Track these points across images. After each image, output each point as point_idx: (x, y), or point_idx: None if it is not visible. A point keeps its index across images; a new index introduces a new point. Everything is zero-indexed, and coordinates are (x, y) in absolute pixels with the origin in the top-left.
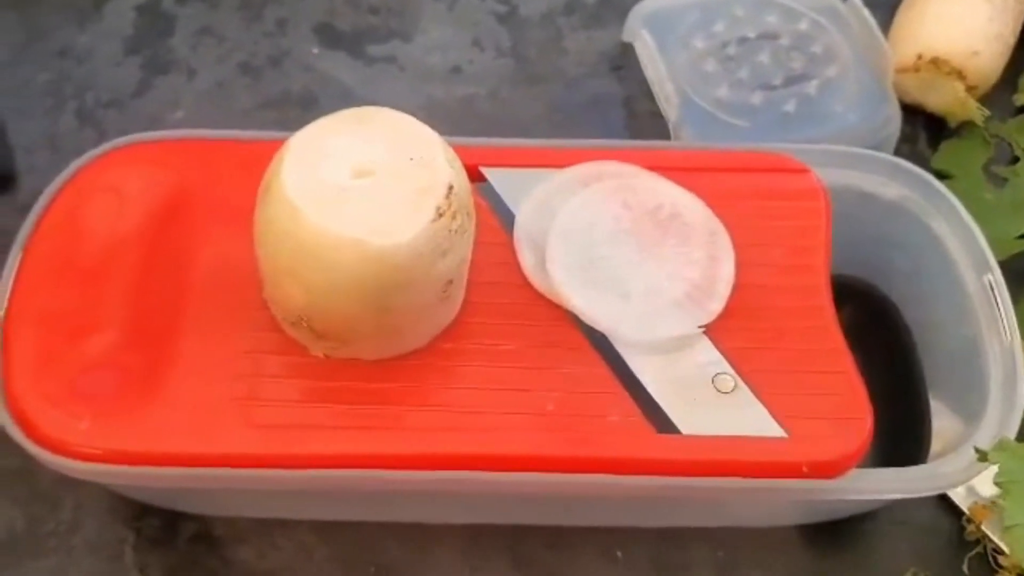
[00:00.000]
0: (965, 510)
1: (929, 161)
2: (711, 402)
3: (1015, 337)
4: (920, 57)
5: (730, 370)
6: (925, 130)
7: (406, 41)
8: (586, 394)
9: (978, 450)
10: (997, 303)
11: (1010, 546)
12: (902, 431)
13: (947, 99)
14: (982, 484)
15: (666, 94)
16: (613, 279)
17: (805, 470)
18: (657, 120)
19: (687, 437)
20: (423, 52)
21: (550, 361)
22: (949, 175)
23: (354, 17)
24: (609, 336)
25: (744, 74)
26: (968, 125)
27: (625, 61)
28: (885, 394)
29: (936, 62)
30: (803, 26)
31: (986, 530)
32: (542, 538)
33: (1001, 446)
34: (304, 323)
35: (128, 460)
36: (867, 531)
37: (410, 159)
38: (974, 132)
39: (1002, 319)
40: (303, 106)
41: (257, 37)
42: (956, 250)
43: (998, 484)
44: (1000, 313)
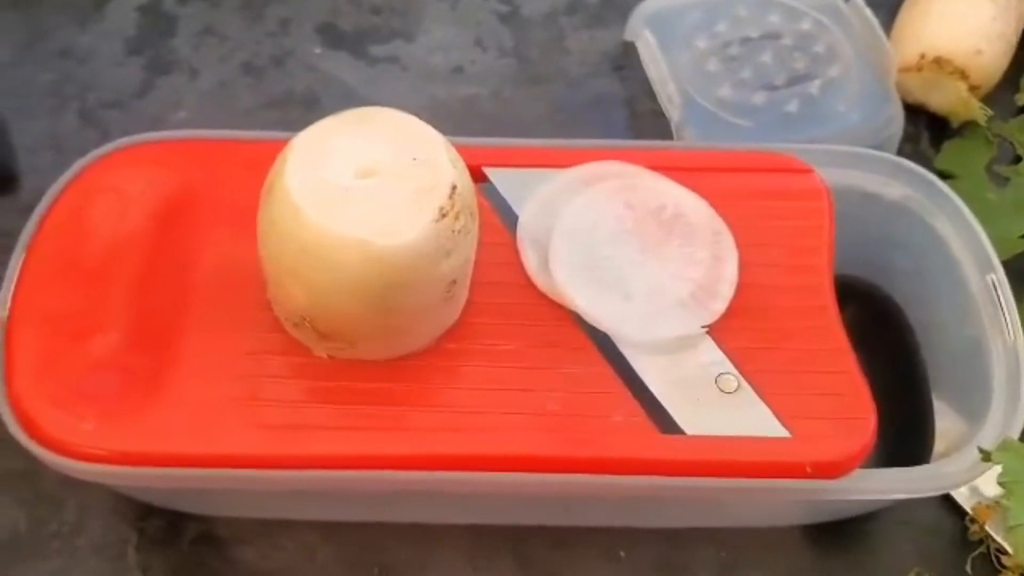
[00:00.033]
0: (968, 510)
1: (932, 161)
2: (714, 402)
3: (1018, 337)
4: (923, 57)
5: (733, 370)
6: (927, 130)
7: (408, 41)
8: (589, 394)
9: (982, 450)
10: (1000, 303)
11: (1014, 546)
12: (905, 431)
13: (950, 99)
14: (985, 484)
15: (668, 94)
16: (616, 279)
17: (809, 470)
18: (659, 120)
19: (690, 437)
20: (425, 52)
21: (553, 361)
22: (952, 175)
23: (356, 17)
24: (612, 336)
25: (746, 74)
26: (971, 125)
27: (627, 61)
28: (888, 394)
29: (939, 62)
30: (805, 26)
31: (989, 530)
32: (545, 538)
33: (1005, 446)
34: (307, 323)
35: (132, 461)
36: (870, 531)
37: (413, 159)
38: (977, 132)
39: (1005, 319)
40: (306, 106)
41: (259, 37)
42: (959, 250)
43: (1002, 484)
44: (1003, 313)
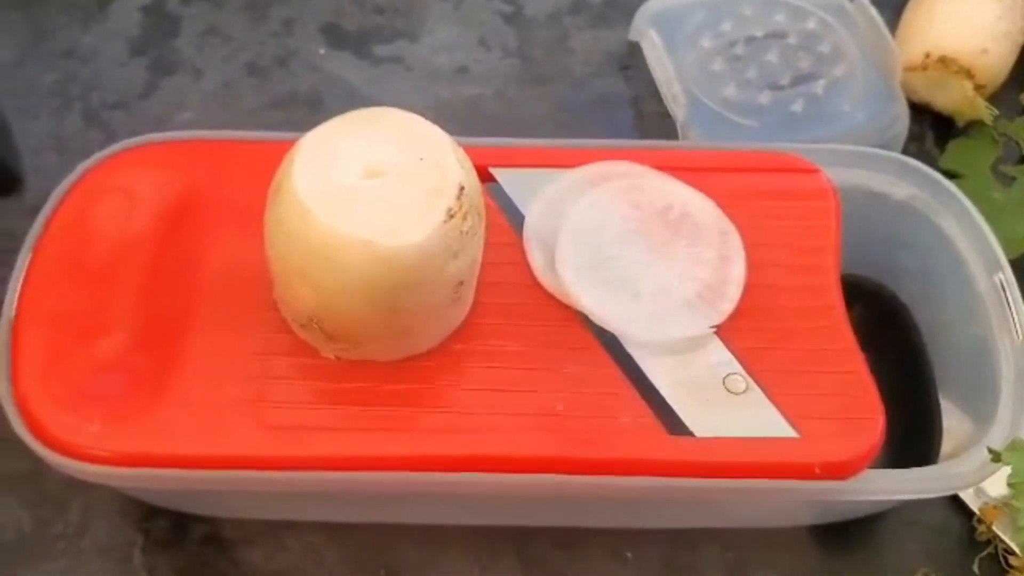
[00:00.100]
0: (975, 511)
1: (937, 160)
2: (722, 403)
3: None
4: (928, 56)
5: (741, 371)
6: (933, 129)
7: (412, 41)
8: (597, 395)
9: (992, 451)
10: (1008, 302)
11: (1022, 547)
12: (912, 432)
13: (955, 98)
14: (990, 484)
15: (673, 94)
16: (623, 279)
17: (817, 471)
18: (664, 120)
19: (698, 438)
20: (429, 52)
21: (560, 362)
22: (957, 174)
23: (360, 17)
24: (619, 337)
25: (752, 74)
26: (976, 124)
27: (632, 61)
28: (895, 394)
29: (944, 61)
30: (811, 25)
31: (997, 531)
32: (551, 539)
33: (1014, 447)
34: (314, 324)
35: (138, 462)
36: (877, 531)
37: (420, 160)
38: (982, 131)
39: (1013, 318)
40: (310, 106)
41: (263, 37)
42: (966, 249)
43: (1011, 485)
44: (1011, 312)
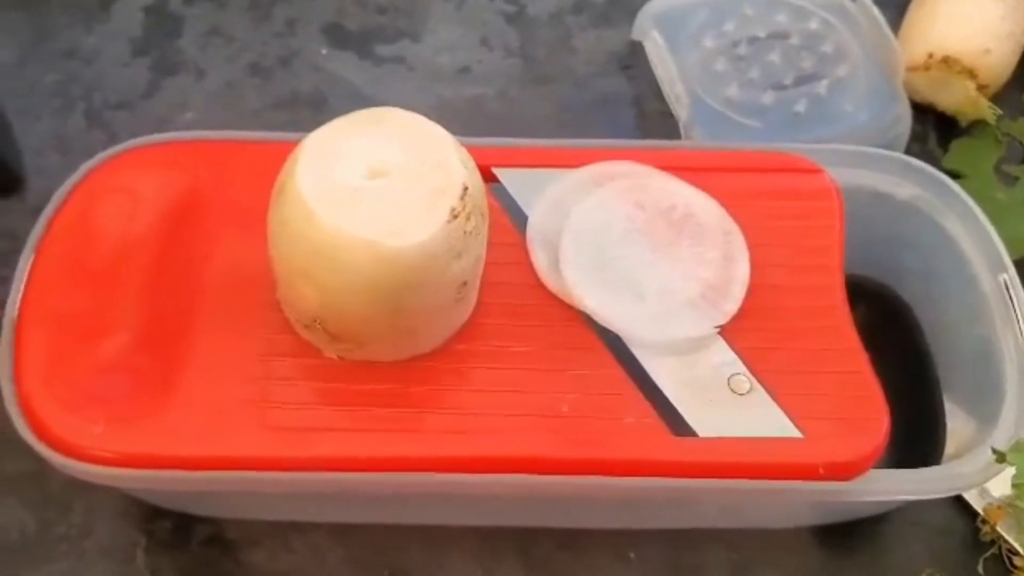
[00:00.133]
0: (979, 511)
1: (940, 161)
2: (727, 403)
3: None
4: (931, 56)
5: (745, 371)
6: (935, 129)
7: (415, 41)
8: (601, 396)
9: (996, 452)
10: (1012, 302)
11: None
12: (916, 432)
13: (958, 98)
14: (994, 485)
15: (676, 94)
16: (627, 279)
17: (821, 472)
18: (667, 120)
19: (703, 439)
20: (432, 52)
21: (564, 363)
22: (960, 174)
23: (363, 17)
24: (623, 337)
25: (754, 74)
26: (979, 124)
27: (634, 60)
28: (899, 395)
29: (947, 61)
30: (813, 25)
31: (1001, 531)
32: (555, 539)
33: (1018, 447)
34: (318, 325)
35: (142, 464)
36: (881, 532)
37: (424, 160)
38: (985, 131)
39: (1017, 319)
40: (312, 106)
41: (266, 37)
42: (970, 249)
43: (1015, 486)
44: (1015, 313)
